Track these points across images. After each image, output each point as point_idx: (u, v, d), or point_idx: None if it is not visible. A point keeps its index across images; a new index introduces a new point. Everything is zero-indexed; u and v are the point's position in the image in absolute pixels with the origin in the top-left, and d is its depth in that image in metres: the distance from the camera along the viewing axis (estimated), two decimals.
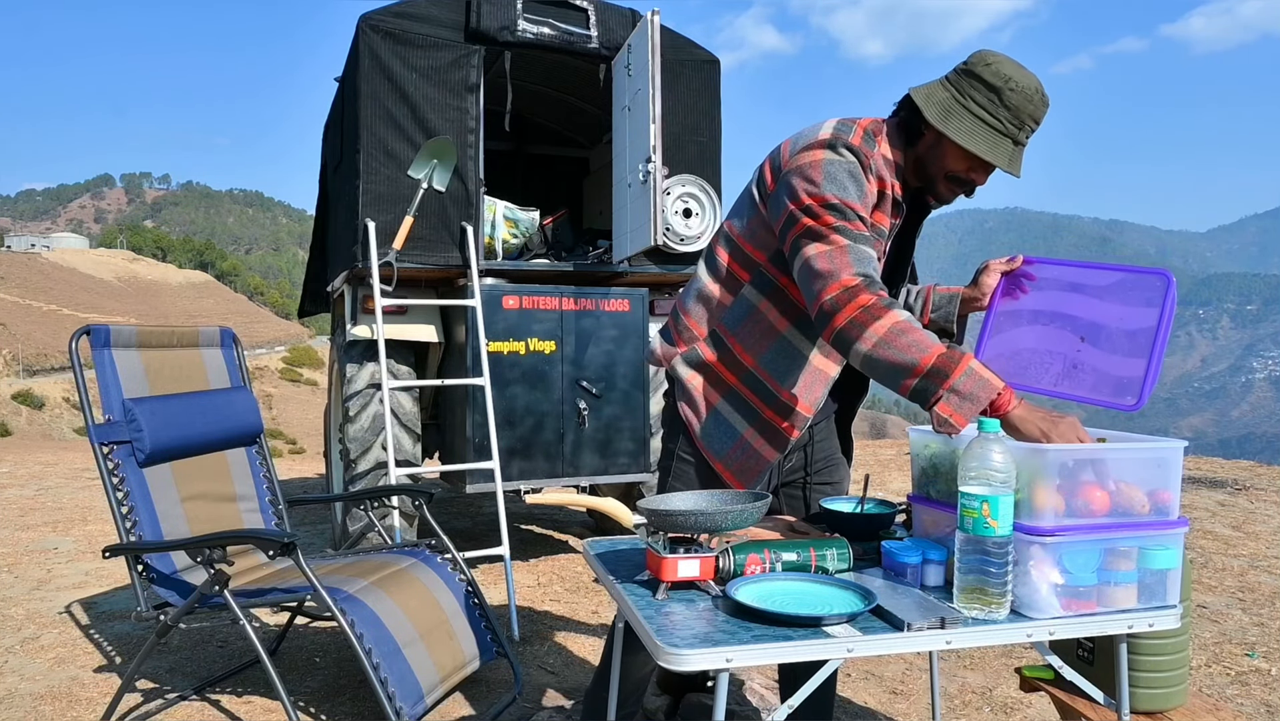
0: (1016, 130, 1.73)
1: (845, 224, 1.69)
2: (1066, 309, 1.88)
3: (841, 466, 2.10)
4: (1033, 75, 1.73)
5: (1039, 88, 1.73)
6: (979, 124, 1.73)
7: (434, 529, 3.01)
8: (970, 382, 1.50)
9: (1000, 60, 1.74)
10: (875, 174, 1.77)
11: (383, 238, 3.85)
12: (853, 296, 1.61)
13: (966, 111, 1.74)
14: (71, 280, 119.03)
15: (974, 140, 1.72)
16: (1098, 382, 1.79)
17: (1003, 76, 1.71)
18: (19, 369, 79.42)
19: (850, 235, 1.68)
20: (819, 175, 1.72)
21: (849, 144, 1.75)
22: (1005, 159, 1.74)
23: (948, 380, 1.51)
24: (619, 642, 1.96)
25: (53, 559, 4.72)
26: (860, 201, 1.73)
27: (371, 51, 3.85)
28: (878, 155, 1.79)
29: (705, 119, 4.48)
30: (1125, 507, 1.47)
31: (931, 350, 1.53)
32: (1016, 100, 1.71)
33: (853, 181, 1.73)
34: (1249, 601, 3.82)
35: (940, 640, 1.36)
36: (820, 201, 1.71)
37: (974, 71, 1.74)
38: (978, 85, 1.73)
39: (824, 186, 1.71)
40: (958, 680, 3.03)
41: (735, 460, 1.92)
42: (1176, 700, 1.88)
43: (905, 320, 1.57)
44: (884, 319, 1.57)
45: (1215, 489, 6.33)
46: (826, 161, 1.73)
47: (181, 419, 2.78)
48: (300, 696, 2.83)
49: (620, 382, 4.19)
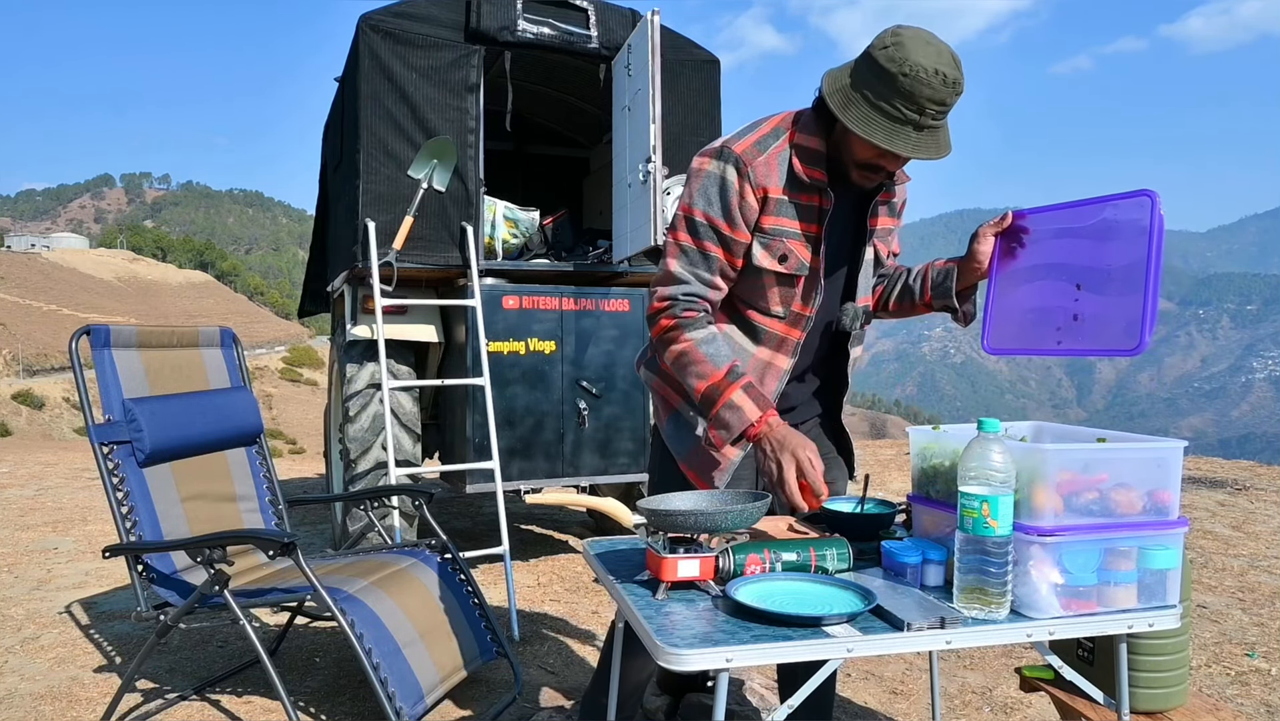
0: (917, 115, 1.64)
1: (692, 241, 1.81)
2: (1059, 258, 1.75)
3: (836, 466, 2.08)
4: (939, 52, 1.62)
5: (940, 67, 1.61)
6: (876, 112, 1.65)
7: (434, 529, 3.01)
8: (729, 414, 1.74)
9: (900, 40, 1.63)
10: (755, 183, 1.77)
11: (383, 238, 3.85)
12: (656, 321, 1.83)
13: (864, 99, 1.66)
14: (71, 280, 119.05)
15: (871, 129, 1.65)
16: (1098, 331, 1.67)
17: (896, 61, 1.61)
18: (19, 369, 79.43)
19: (688, 255, 1.82)
20: (694, 186, 1.83)
21: (733, 153, 1.78)
22: (908, 146, 1.65)
23: (714, 407, 1.75)
24: (619, 643, 1.96)
25: (53, 559, 4.72)
26: (724, 216, 1.79)
27: (371, 51, 3.85)
28: (770, 157, 1.78)
29: (705, 119, 4.48)
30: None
31: (709, 377, 1.76)
32: (910, 85, 1.61)
33: (720, 196, 1.79)
34: (1249, 601, 3.82)
35: (940, 640, 1.36)
36: (685, 213, 1.83)
37: (872, 55, 1.66)
38: (874, 70, 1.65)
39: (693, 199, 1.82)
40: (958, 680, 3.03)
41: (696, 460, 1.94)
42: (1176, 700, 1.88)
43: (693, 345, 1.77)
44: (678, 344, 1.79)
45: (1215, 489, 6.33)
46: (706, 173, 1.81)
47: (181, 419, 2.78)
48: (300, 696, 2.83)
49: (620, 383, 4.19)
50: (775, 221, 1.80)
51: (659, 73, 3.76)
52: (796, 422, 2.01)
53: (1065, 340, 1.73)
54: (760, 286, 1.86)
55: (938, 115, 1.65)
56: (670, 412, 1.99)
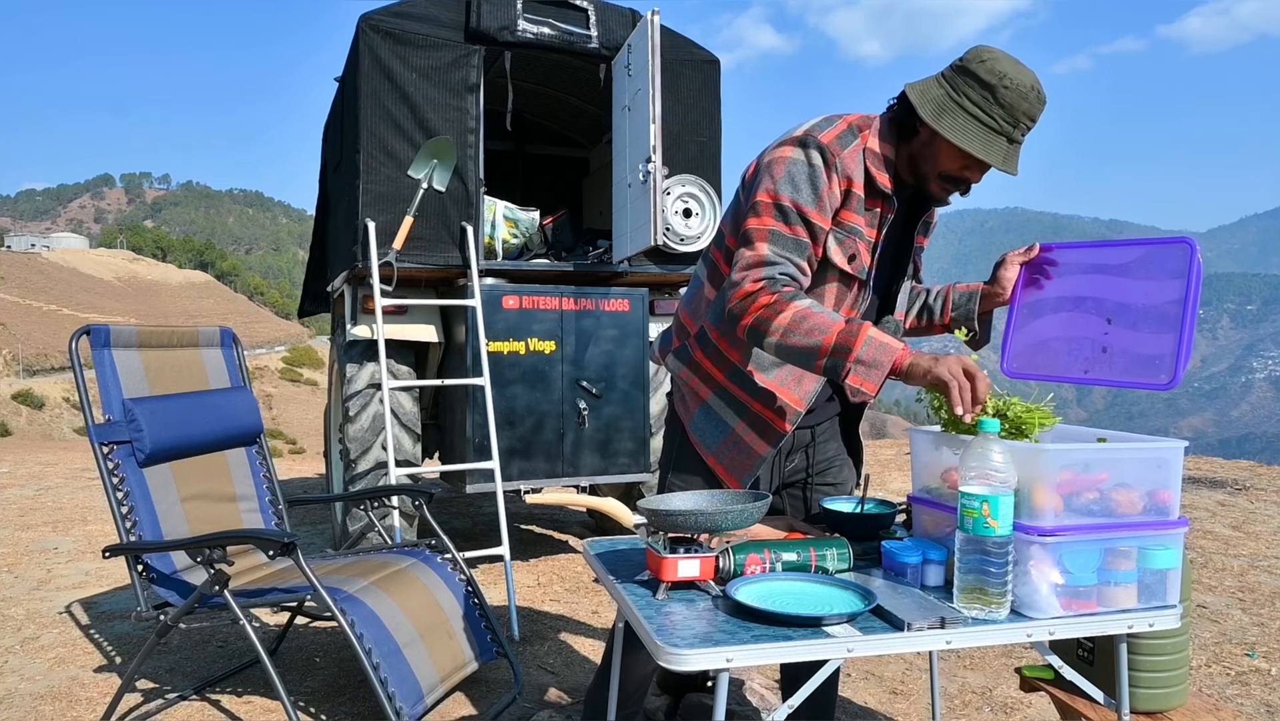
0: (1011, 128, 1.71)
1: (781, 227, 1.76)
2: (1090, 291, 1.81)
3: (846, 468, 2.09)
4: (1029, 72, 1.70)
5: (1035, 84, 1.70)
6: (973, 121, 1.70)
7: (434, 529, 3.01)
8: (871, 350, 1.62)
9: (996, 56, 1.71)
10: (842, 174, 1.78)
11: (383, 238, 3.85)
12: (754, 300, 1.72)
13: (960, 109, 1.71)
14: (71, 280, 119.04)
15: (967, 138, 1.70)
16: (1129, 365, 1.72)
17: (997, 73, 1.68)
18: (19, 369, 79.42)
19: (778, 241, 1.76)
20: (780, 173, 1.79)
21: (819, 142, 1.78)
22: (1000, 157, 1.71)
23: (851, 353, 1.63)
24: (619, 643, 1.96)
25: (53, 559, 4.72)
26: (813, 205, 1.78)
27: (371, 51, 3.85)
28: (852, 153, 1.79)
29: (705, 119, 4.48)
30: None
31: (832, 329, 1.65)
32: (1011, 98, 1.68)
33: (808, 183, 1.77)
34: (1249, 601, 3.82)
35: (940, 640, 1.36)
36: (772, 199, 1.78)
37: (969, 68, 1.72)
38: (972, 82, 1.70)
39: (779, 186, 1.78)
40: (958, 680, 3.03)
41: (727, 455, 1.94)
42: (1176, 700, 1.88)
43: (805, 307, 1.68)
44: (785, 311, 1.68)
45: (1215, 489, 6.33)
46: (790, 160, 1.78)
47: (181, 419, 2.78)
48: (300, 696, 2.83)
49: (620, 383, 4.19)
50: (851, 218, 1.81)
51: (659, 73, 3.76)
52: (815, 423, 2.02)
53: (1093, 370, 1.78)
54: (821, 283, 1.86)
55: (1027, 130, 1.72)
56: (700, 405, 1.97)
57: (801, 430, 2.02)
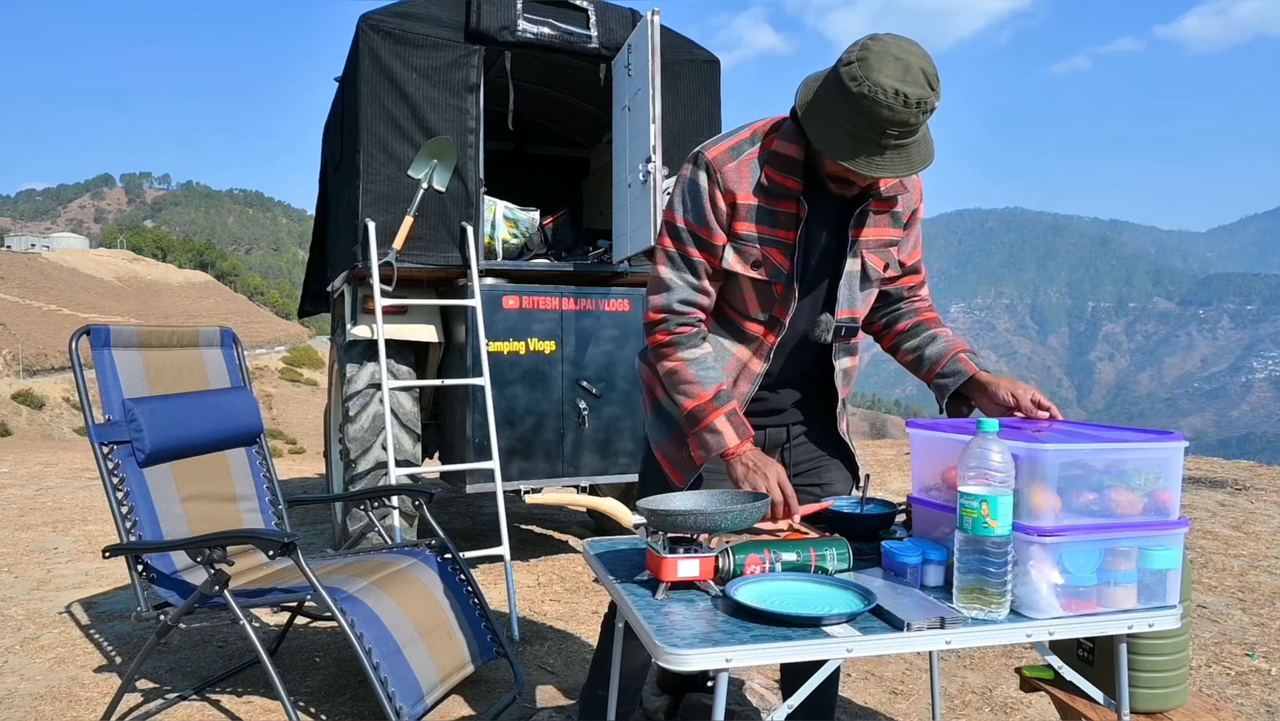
0: (876, 136, 1.57)
1: (676, 247, 1.84)
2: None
3: (833, 468, 2.04)
4: (906, 67, 1.53)
5: (901, 88, 1.52)
6: (838, 129, 1.60)
7: (434, 529, 3.01)
8: (711, 436, 1.80)
9: (866, 56, 1.55)
10: (724, 188, 1.78)
11: (383, 238, 3.85)
12: (653, 332, 1.86)
13: (827, 114, 1.61)
14: (71, 280, 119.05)
15: (833, 147, 1.61)
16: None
17: (857, 79, 1.54)
18: (19, 369, 79.43)
19: (673, 261, 1.84)
20: (676, 192, 1.85)
21: (705, 159, 1.80)
22: (869, 166, 1.59)
23: (697, 426, 1.81)
24: (619, 642, 1.96)
25: (53, 559, 4.72)
26: (700, 222, 1.81)
27: (371, 51, 3.85)
28: (742, 163, 1.78)
29: (705, 119, 4.48)
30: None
31: (695, 398, 1.81)
32: (869, 107, 1.54)
33: (694, 201, 1.81)
34: (1249, 601, 3.82)
35: (940, 640, 1.36)
36: (668, 218, 1.86)
37: (837, 69, 1.59)
38: (837, 87, 1.58)
39: (674, 205, 1.85)
40: (958, 680, 3.03)
41: (670, 450, 1.97)
42: (1176, 700, 1.88)
43: (683, 366, 1.82)
44: (669, 361, 1.84)
45: (1215, 489, 6.33)
46: (684, 179, 1.84)
47: (181, 419, 2.78)
48: (300, 696, 2.83)
49: (620, 382, 4.19)
50: (747, 227, 1.80)
51: (659, 73, 3.76)
52: (782, 425, 2.01)
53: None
54: (739, 290, 1.87)
55: (901, 136, 1.58)
56: (653, 403, 2.03)
57: (776, 429, 2.00)
